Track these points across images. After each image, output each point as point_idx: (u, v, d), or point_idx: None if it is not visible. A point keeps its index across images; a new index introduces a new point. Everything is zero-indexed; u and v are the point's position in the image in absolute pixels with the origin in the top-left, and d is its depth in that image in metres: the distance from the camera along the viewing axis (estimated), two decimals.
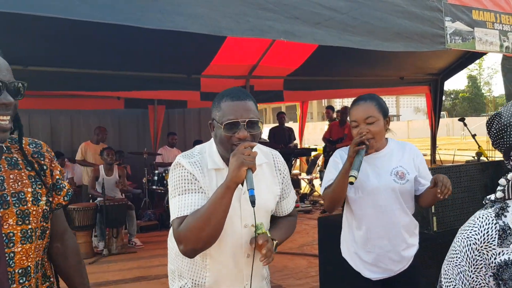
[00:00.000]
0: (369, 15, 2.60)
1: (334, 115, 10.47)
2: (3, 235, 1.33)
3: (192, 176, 1.69)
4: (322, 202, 8.45)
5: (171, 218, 1.68)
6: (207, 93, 6.04)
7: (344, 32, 2.50)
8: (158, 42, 4.96)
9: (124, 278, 4.98)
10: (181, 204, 1.66)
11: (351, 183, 2.13)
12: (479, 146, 4.26)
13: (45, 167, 1.50)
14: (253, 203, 1.55)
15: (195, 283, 1.82)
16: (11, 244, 1.34)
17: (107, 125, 8.63)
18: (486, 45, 2.97)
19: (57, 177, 1.54)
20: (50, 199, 1.50)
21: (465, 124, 4.98)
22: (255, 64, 5.99)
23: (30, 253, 1.40)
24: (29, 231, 1.39)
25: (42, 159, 1.50)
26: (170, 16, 2.00)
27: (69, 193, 1.58)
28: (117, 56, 5.27)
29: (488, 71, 62.01)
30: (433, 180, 2.20)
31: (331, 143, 8.33)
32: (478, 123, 4.35)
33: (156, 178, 7.90)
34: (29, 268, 1.39)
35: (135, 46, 5.00)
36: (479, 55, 6.85)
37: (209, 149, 1.79)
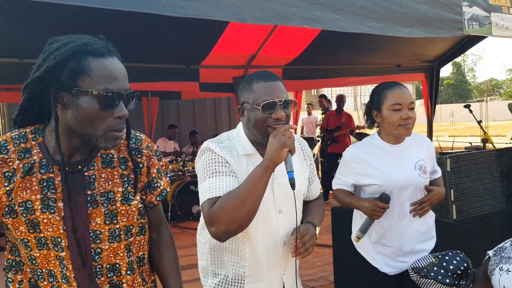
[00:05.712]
0: (389, 0, 2.53)
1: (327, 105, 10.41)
2: (91, 231, 1.33)
3: (223, 159, 1.63)
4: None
5: (201, 201, 1.62)
6: (206, 84, 5.93)
7: (365, 18, 2.43)
8: (156, 31, 4.82)
9: None
10: (212, 185, 1.59)
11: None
12: (485, 133, 4.27)
13: (141, 165, 1.43)
14: (293, 185, 1.52)
15: (235, 274, 1.76)
16: (98, 241, 1.34)
17: None
18: (502, 30, 2.93)
19: (153, 175, 1.47)
20: (143, 197, 1.45)
21: (470, 111, 4.99)
22: (254, 54, 5.90)
23: (119, 252, 1.36)
24: (116, 230, 1.35)
25: (139, 156, 1.44)
26: (193, 3, 1.91)
27: (163, 193, 1.51)
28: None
29: (472, 58, 62.53)
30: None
31: (329, 132, 8.30)
32: (465, 110, 4.35)
33: None
34: (117, 266, 1.36)
35: (131, 35, 4.83)
36: (475, 41, 6.81)
37: (237, 135, 1.75)
